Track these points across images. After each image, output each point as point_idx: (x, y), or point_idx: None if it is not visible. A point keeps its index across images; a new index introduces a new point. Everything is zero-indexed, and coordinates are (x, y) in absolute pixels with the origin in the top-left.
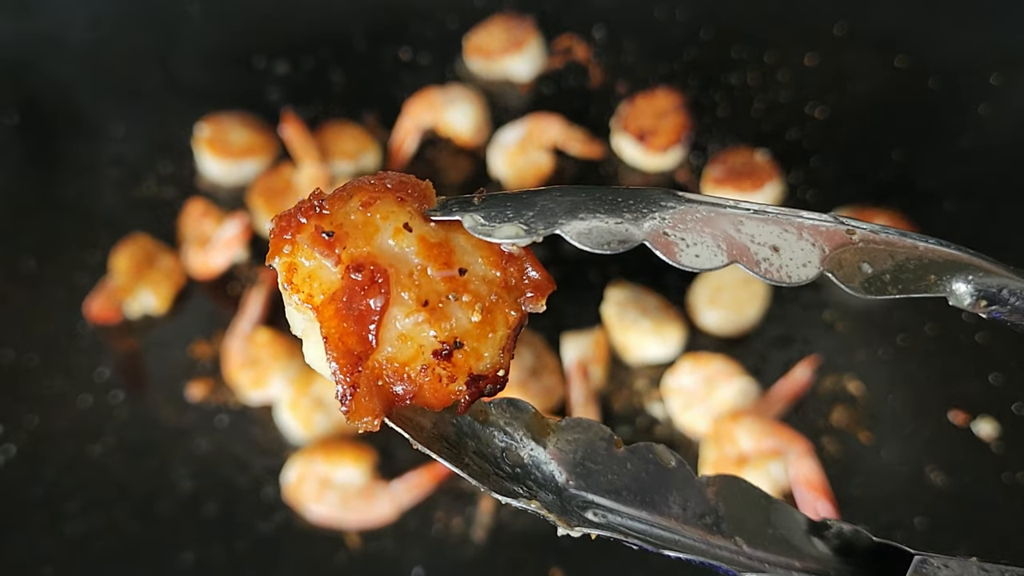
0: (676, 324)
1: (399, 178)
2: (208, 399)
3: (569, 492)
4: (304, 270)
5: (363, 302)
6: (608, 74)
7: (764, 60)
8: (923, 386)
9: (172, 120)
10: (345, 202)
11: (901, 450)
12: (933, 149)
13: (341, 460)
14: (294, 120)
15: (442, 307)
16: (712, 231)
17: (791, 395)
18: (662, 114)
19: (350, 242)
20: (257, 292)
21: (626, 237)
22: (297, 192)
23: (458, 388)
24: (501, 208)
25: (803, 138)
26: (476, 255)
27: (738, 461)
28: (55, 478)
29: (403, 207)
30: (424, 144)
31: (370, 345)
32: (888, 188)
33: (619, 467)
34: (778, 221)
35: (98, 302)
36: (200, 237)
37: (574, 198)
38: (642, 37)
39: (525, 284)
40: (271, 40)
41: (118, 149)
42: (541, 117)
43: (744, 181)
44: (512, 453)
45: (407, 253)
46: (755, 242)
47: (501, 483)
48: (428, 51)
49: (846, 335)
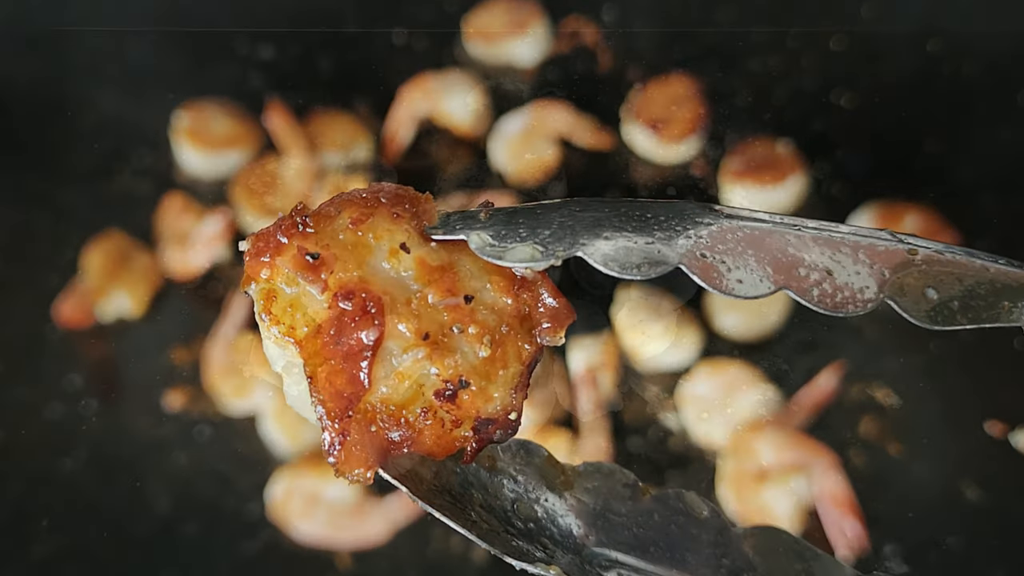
0: (691, 328)
1: (395, 191)
2: (187, 409)
3: (589, 550)
4: (285, 298)
5: (353, 335)
6: (618, 59)
7: (787, 44)
8: (958, 395)
9: (148, 108)
10: (333, 219)
11: (934, 464)
12: (969, 140)
13: (331, 475)
14: (280, 108)
15: (445, 340)
16: (756, 252)
17: (816, 404)
18: (677, 102)
19: (338, 265)
20: (240, 294)
21: (659, 259)
22: (283, 187)
23: (463, 434)
24: (512, 226)
25: (829, 128)
26: (484, 280)
27: (758, 476)
28: (21, 495)
29: (399, 224)
30: (420, 135)
31: (362, 385)
32: (921, 182)
33: (645, 519)
34: (830, 241)
35: (68, 304)
36: (178, 235)
37: (596, 213)
38: (655, 19)
39: (540, 313)
40: (254, 21)
41: (89, 138)
42: (546, 105)
43: (765, 174)
44: (524, 505)
45: (404, 278)
46: (805, 265)
47: (512, 543)
48: (424, 34)
49: (875, 340)
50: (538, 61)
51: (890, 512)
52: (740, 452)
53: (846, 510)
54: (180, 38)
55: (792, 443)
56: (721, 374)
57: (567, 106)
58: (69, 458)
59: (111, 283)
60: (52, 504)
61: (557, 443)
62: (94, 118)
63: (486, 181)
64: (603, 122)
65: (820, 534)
